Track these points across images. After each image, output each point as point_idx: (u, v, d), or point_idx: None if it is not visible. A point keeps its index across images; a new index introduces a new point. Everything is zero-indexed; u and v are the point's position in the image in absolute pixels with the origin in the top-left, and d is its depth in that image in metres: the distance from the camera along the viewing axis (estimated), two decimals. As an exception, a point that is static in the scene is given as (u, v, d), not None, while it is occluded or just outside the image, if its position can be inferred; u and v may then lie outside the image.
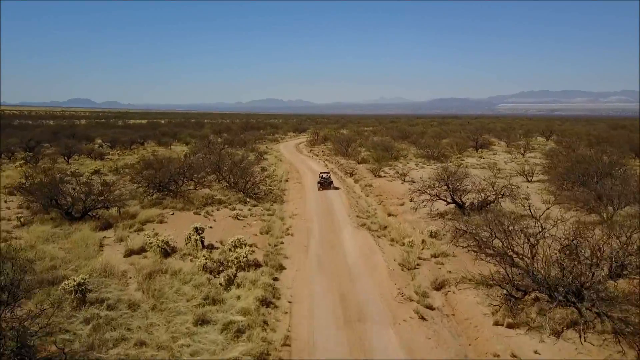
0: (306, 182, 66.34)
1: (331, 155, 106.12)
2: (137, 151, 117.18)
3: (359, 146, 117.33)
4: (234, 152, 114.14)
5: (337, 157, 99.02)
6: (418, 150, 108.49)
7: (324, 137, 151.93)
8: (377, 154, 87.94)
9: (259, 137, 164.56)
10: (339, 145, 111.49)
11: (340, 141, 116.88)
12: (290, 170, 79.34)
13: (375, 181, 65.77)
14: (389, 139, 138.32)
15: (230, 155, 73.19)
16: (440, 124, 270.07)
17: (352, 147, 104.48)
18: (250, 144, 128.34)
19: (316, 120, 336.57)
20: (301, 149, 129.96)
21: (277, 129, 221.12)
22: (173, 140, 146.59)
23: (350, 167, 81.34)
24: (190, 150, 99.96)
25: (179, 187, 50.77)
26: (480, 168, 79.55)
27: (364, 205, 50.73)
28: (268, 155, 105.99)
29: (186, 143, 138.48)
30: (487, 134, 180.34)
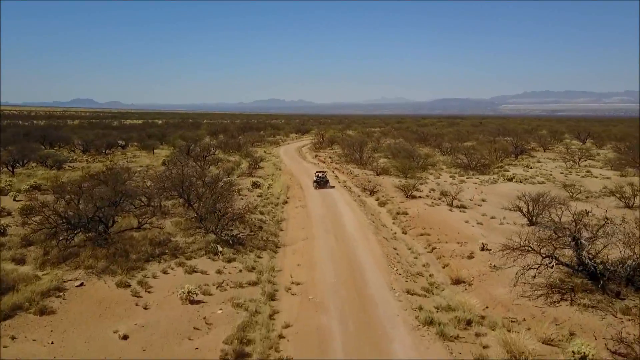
0: (314, 206, 47.85)
1: (341, 162, 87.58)
2: (112, 157, 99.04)
3: (372, 151, 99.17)
4: (224, 158, 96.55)
5: (348, 166, 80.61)
6: (444, 155, 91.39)
7: (330, 140, 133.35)
8: (401, 162, 69.36)
9: (257, 139, 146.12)
10: (349, 150, 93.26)
11: (351, 145, 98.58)
12: (291, 185, 60.94)
13: (410, 205, 47.02)
14: (408, 143, 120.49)
15: (202, 171, 54.85)
16: (450, 124, 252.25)
17: (366, 153, 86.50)
18: (246, 148, 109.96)
19: (319, 121, 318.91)
20: (304, 154, 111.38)
21: (278, 130, 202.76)
22: (160, 143, 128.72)
23: (368, 180, 62.82)
24: (170, 157, 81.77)
25: (108, 227, 31.50)
26: (539, 183, 61.05)
27: (407, 256, 31.96)
28: (265, 162, 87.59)
29: (175, 146, 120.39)
30: (509, 136, 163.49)
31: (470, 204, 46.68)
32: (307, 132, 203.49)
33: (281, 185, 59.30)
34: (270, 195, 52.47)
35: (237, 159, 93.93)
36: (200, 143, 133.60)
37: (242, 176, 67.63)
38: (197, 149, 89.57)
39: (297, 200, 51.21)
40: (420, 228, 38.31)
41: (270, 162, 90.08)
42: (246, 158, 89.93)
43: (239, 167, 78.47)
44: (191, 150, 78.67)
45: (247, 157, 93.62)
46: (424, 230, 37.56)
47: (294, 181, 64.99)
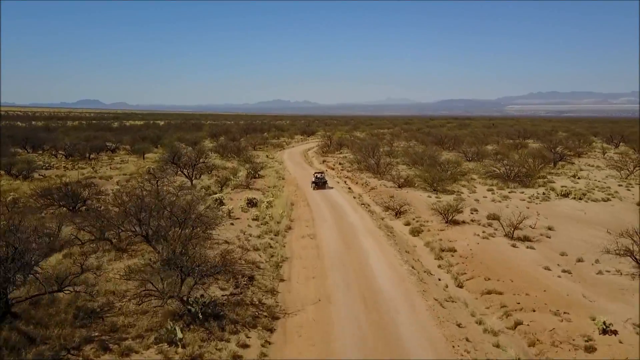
0: (326, 236, 36.27)
1: (353, 169, 75.99)
2: (95, 163, 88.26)
3: (387, 156, 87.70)
4: (221, 165, 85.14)
5: (362, 174, 69.01)
6: (469, 162, 79.81)
7: (339, 142, 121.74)
8: (427, 172, 57.62)
9: (260, 141, 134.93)
10: (362, 155, 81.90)
11: (363, 149, 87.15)
12: (296, 201, 49.55)
13: (454, 235, 35.27)
14: (424, 146, 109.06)
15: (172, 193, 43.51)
16: (461, 126, 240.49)
17: (382, 159, 74.86)
18: (246, 152, 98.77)
19: (324, 122, 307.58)
20: (311, 159, 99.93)
21: (282, 132, 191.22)
22: (155, 146, 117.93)
23: (390, 195, 51.27)
24: (157, 164, 70.65)
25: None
26: (603, 200, 49.37)
27: (480, 341, 20.01)
28: (267, 170, 76.18)
29: (177, 148, 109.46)
30: (530, 138, 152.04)
31: (534, 234, 34.98)
32: (313, 133, 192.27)
33: (284, 202, 47.71)
34: (269, 218, 40.88)
35: (236, 165, 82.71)
36: (196, 147, 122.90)
37: (238, 188, 56.24)
38: (187, 155, 78.30)
39: (304, 224, 39.61)
40: (481, 278, 26.53)
41: (273, 169, 78.67)
42: (246, 164, 78.82)
43: (236, 176, 67.16)
44: (178, 157, 67.26)
45: (247, 163, 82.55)
46: (488, 281, 25.83)
47: (299, 195, 53.57)
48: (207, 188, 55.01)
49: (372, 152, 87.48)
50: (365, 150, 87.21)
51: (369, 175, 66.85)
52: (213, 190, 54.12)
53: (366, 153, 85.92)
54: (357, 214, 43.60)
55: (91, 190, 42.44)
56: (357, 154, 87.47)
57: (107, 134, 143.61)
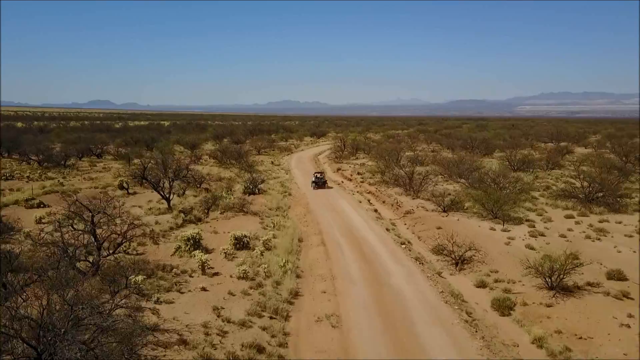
0: (358, 325, 21.62)
1: (376, 182, 61.35)
2: (69, 173, 74.83)
3: (412, 163, 73.28)
4: (216, 174, 70.85)
5: (388, 189, 54.54)
6: (515, 172, 64.68)
7: (354, 146, 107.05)
8: (486, 192, 42.52)
9: (266, 144, 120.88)
10: (385, 163, 67.73)
11: (385, 155, 72.84)
12: (306, 236, 35.41)
13: (573, 317, 20.55)
14: (458, 152, 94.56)
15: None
16: (478, 127, 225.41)
17: (414, 168, 60.58)
18: (247, 158, 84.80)
19: (335, 123, 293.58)
20: (323, 167, 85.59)
21: (291, 133, 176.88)
22: (148, 149, 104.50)
23: (435, 224, 36.89)
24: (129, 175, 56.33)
25: None
26: None
27: None
28: (270, 181, 62.00)
29: (163, 154, 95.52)
30: (565, 141, 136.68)
31: None
32: (324, 135, 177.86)
33: (288, 241, 33.11)
34: (264, 274, 26.30)
35: (235, 174, 68.53)
36: (194, 151, 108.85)
37: (230, 211, 41.85)
38: (177, 162, 64.06)
39: (319, 286, 25.16)
40: None
41: (278, 180, 64.29)
42: (247, 172, 64.81)
43: (231, 191, 52.93)
44: (165, 166, 53.10)
45: (247, 172, 68.42)
46: None
47: (310, 223, 39.14)
48: (187, 212, 40.77)
49: (395, 158, 73.31)
50: (387, 156, 72.91)
51: (399, 191, 52.24)
52: (195, 216, 39.88)
53: (389, 160, 71.64)
54: (402, 267, 28.59)
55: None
56: (378, 160, 73.02)
57: (103, 136, 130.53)
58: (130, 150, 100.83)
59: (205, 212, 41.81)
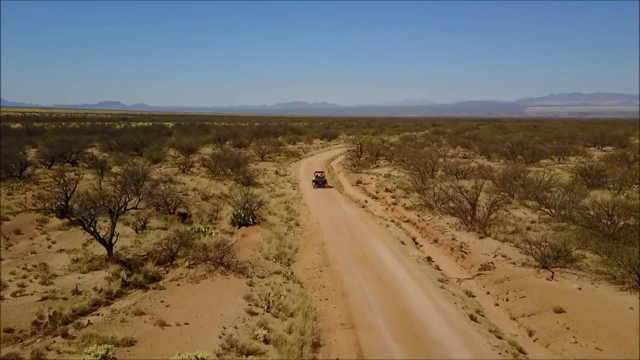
0: None
1: (415, 204, 46.04)
2: (21, 186, 60.34)
3: (447, 173, 58.38)
4: (202, 191, 55.69)
5: (437, 220, 39.50)
6: (585, 184, 49.81)
7: (372, 151, 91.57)
8: (613, 240, 27.17)
9: (272, 147, 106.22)
10: (421, 177, 52.92)
11: (420, 166, 57.72)
12: (327, 330, 20.62)
13: None
14: (509, 163, 79.36)
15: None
16: (497, 128, 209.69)
17: (441, 177, 45.36)
18: (247, 166, 69.99)
19: (344, 124, 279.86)
20: (338, 177, 70.40)
21: (299, 135, 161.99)
22: (137, 154, 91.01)
23: (552, 305, 22.06)
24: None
25: None
26: None
27: None
28: (273, 200, 47.31)
29: (154, 160, 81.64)
30: (610, 145, 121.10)
31: None
32: (335, 137, 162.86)
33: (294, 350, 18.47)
34: None
35: (228, 189, 53.76)
36: (189, 156, 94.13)
37: (203, 263, 26.73)
38: (140, 178, 49.26)
39: None
40: None
41: (282, 199, 48.97)
42: (244, 187, 50.12)
43: (214, 222, 38.08)
44: (136, 179, 38.52)
45: (245, 183, 53.75)
46: None
47: (332, 293, 23.99)
48: (136, 264, 25.86)
49: (431, 169, 58.32)
50: (421, 166, 57.82)
51: (453, 222, 37.00)
52: (146, 273, 24.72)
53: (424, 171, 56.68)
54: None
55: None
56: (412, 173, 57.80)
57: (92, 138, 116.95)
58: (111, 155, 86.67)
59: (167, 265, 26.89)
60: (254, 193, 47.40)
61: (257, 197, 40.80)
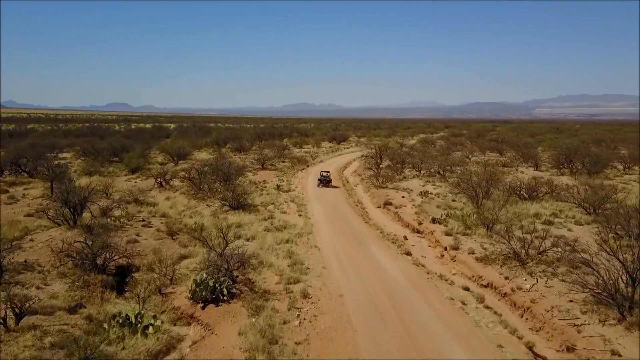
0: None
1: (494, 255, 30.46)
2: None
3: (509, 193, 43.38)
4: (172, 221, 38.66)
5: (552, 291, 23.93)
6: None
7: (398, 159, 76.07)
8: None
9: (275, 151, 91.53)
10: (473, 195, 37.88)
11: (476, 184, 42.50)
12: None
13: None
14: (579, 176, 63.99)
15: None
16: (513, 130, 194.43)
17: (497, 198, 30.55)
18: (241, 176, 55.42)
19: (353, 125, 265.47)
20: (361, 197, 54.24)
21: (306, 138, 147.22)
22: (115, 161, 78.36)
23: None
24: None
25: None
26: None
27: None
28: (269, 237, 32.39)
29: (133, 169, 66.85)
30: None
31: None
32: (345, 139, 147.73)
33: None
34: None
35: (206, 220, 38.82)
36: (177, 163, 79.29)
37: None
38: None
39: None
40: None
41: (282, 237, 33.29)
42: (229, 213, 35.37)
43: (163, 298, 23.25)
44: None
45: (233, 208, 39.16)
46: None
47: None
48: None
49: (486, 188, 43.13)
50: (478, 184, 42.52)
51: (582, 301, 21.50)
52: None
53: (478, 190, 41.53)
54: None
55: None
56: (462, 191, 42.74)
57: (78, 141, 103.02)
58: (85, 162, 72.26)
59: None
60: (240, 228, 32.36)
61: (242, 244, 25.51)
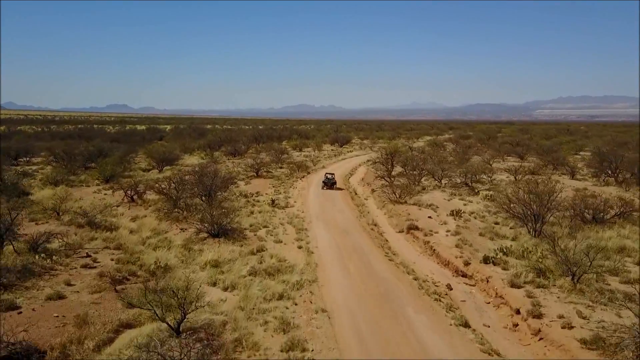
0: None
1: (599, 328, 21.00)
2: None
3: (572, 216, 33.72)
4: (134, 254, 28.15)
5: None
6: None
7: (414, 166, 66.17)
8: None
9: (273, 155, 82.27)
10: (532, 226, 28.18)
11: (531, 202, 32.74)
12: None
13: None
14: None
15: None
16: (522, 132, 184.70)
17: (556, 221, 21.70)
18: (224, 191, 46.19)
19: (354, 127, 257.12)
20: (376, 217, 44.31)
21: (307, 139, 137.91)
22: (88, 166, 69.24)
23: None
24: None
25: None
26: None
27: None
28: (257, 287, 22.77)
29: (107, 177, 56.88)
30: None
31: None
32: (348, 142, 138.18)
33: None
34: None
35: (173, 256, 29.27)
36: (160, 171, 69.67)
37: None
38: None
39: None
40: None
41: (274, 289, 23.30)
42: (204, 245, 26.32)
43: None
44: None
45: (212, 235, 29.88)
46: None
47: None
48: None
49: (545, 209, 33.28)
50: (534, 203, 32.69)
51: None
52: None
53: (536, 210, 31.78)
54: None
55: None
56: (505, 210, 33.06)
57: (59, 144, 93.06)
58: (56, 169, 62.77)
59: None
60: (217, 269, 22.99)
61: (214, 304, 15.85)
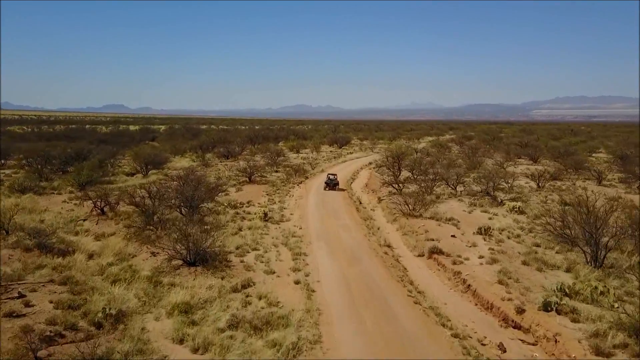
0: None
1: None
2: None
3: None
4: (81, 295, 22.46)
5: None
6: None
7: (414, 166, 59.92)
8: None
9: (269, 157, 76.44)
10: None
11: (582, 221, 26.55)
12: None
13: None
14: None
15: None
16: (524, 132, 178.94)
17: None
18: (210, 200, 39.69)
19: (353, 127, 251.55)
20: (387, 234, 37.42)
21: (304, 140, 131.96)
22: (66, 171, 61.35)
23: None
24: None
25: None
26: None
27: None
28: (241, 346, 16.32)
29: (81, 185, 49.99)
30: None
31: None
32: (347, 143, 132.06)
33: None
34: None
35: (132, 300, 22.73)
36: (146, 174, 63.25)
37: None
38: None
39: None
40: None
41: (266, 354, 17.08)
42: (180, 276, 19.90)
43: None
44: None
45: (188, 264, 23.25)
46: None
47: None
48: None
49: (598, 230, 26.61)
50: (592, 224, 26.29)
51: None
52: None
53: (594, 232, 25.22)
54: None
55: None
56: (549, 231, 26.76)
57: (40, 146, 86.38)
58: (26, 175, 56.34)
59: None
60: (187, 317, 16.97)
61: None
